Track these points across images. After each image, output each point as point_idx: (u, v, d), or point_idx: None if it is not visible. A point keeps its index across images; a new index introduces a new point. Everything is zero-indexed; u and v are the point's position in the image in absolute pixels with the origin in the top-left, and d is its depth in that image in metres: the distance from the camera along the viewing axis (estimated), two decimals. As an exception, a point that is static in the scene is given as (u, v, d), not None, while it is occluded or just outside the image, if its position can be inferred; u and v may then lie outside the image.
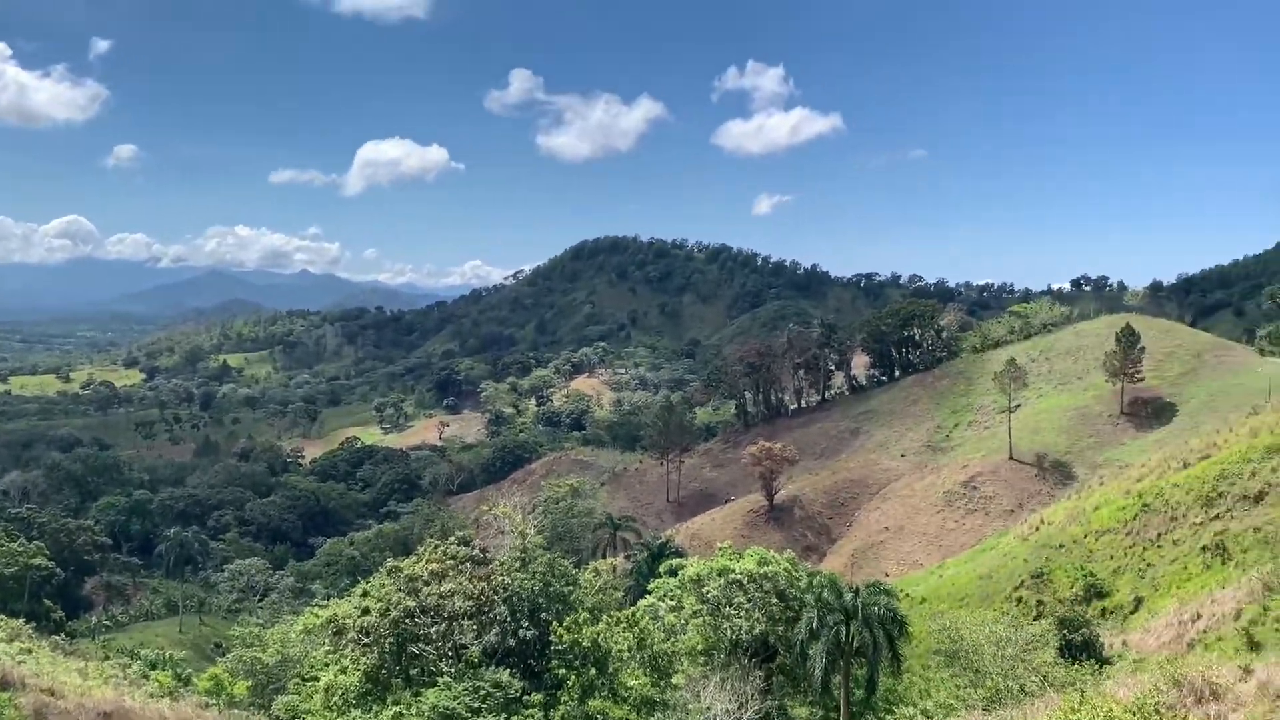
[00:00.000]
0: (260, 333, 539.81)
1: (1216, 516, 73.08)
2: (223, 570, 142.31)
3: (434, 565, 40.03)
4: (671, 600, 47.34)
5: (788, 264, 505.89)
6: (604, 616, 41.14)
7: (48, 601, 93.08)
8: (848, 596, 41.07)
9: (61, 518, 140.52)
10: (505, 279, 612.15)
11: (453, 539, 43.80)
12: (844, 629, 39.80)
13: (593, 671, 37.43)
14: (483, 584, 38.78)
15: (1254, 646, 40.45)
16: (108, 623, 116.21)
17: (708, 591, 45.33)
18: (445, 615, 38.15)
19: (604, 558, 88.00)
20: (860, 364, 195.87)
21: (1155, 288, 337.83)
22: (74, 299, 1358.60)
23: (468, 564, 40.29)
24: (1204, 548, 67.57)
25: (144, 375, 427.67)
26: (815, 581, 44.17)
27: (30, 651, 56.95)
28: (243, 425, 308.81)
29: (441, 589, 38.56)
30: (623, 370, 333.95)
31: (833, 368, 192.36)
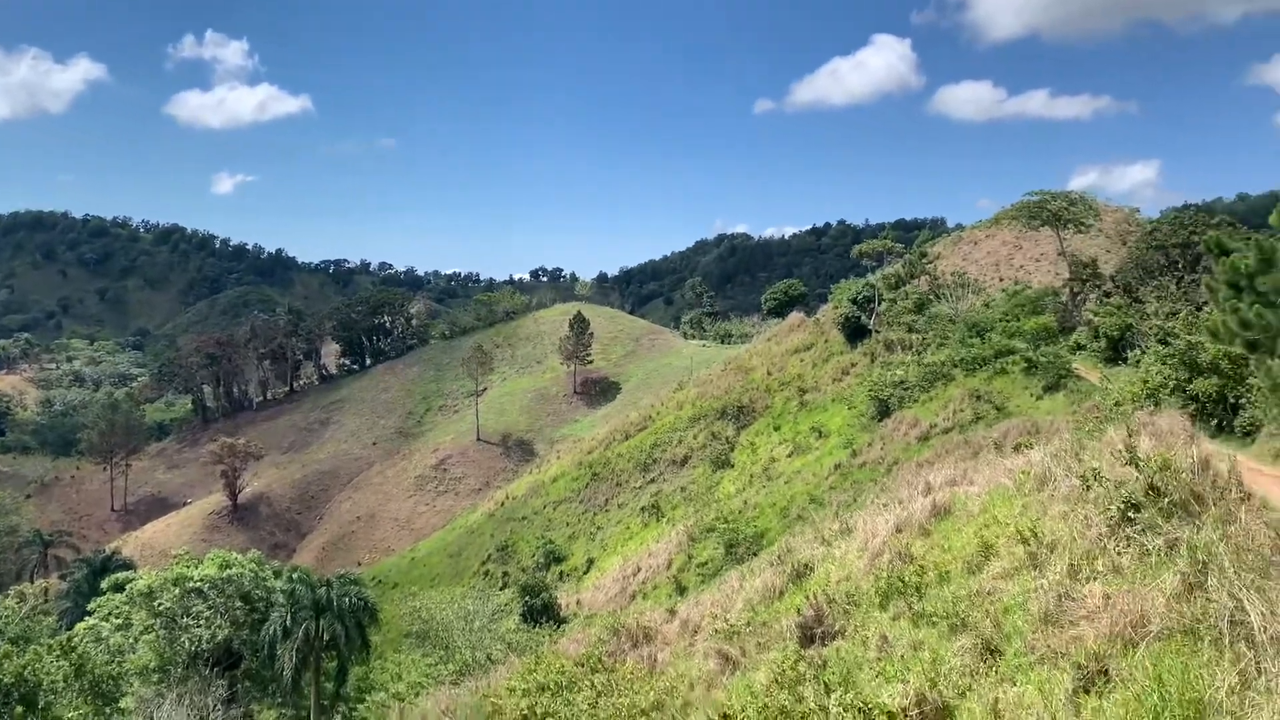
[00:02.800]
0: None
1: (652, 480, 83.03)
2: None
3: None
4: (118, 618, 42.52)
5: (250, 248, 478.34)
6: (31, 646, 35.76)
7: None
8: (319, 590, 40.06)
9: None
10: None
11: None
12: (314, 624, 38.76)
13: (19, 709, 32.36)
14: None
15: (681, 590, 46.49)
16: None
17: (161, 604, 41.44)
18: None
19: (31, 580, 76.75)
20: (330, 353, 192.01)
21: (601, 279, 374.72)
22: None
23: None
24: (643, 508, 76.36)
25: None
26: (289, 578, 42.43)
27: None
28: None
29: None
30: (53, 365, 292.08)
31: (301, 357, 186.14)
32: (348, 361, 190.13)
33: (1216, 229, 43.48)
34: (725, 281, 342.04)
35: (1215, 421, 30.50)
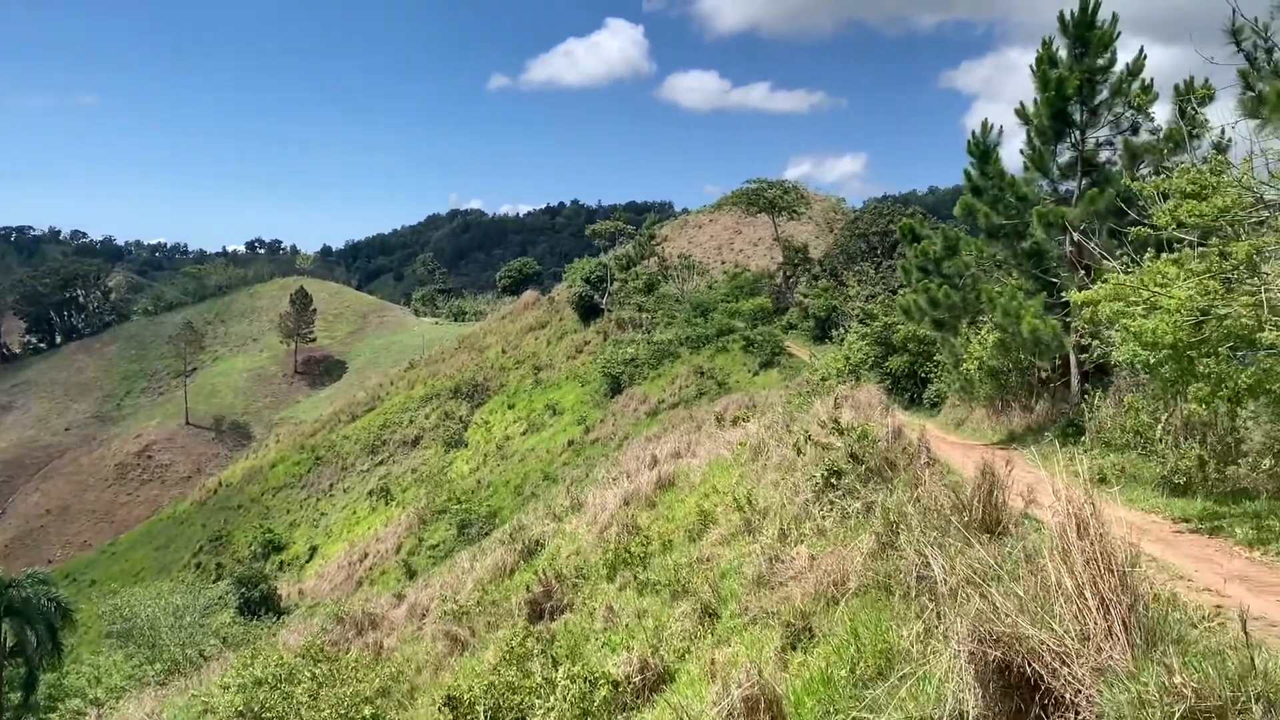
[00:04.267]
0: None
1: (381, 462, 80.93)
2: None
3: None
4: None
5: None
6: None
7: None
8: (2, 592, 35.98)
9: None
10: None
11: None
12: (-7, 630, 34.82)
13: None
14: None
15: (411, 574, 45.64)
16: None
17: None
18: None
19: None
20: (13, 330, 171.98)
21: (325, 252, 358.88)
22: None
23: None
24: (370, 492, 74.30)
25: None
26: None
27: None
28: None
29: None
30: None
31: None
32: (34, 340, 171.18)
33: (910, 218, 47.79)
34: (459, 258, 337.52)
35: (907, 395, 33.62)
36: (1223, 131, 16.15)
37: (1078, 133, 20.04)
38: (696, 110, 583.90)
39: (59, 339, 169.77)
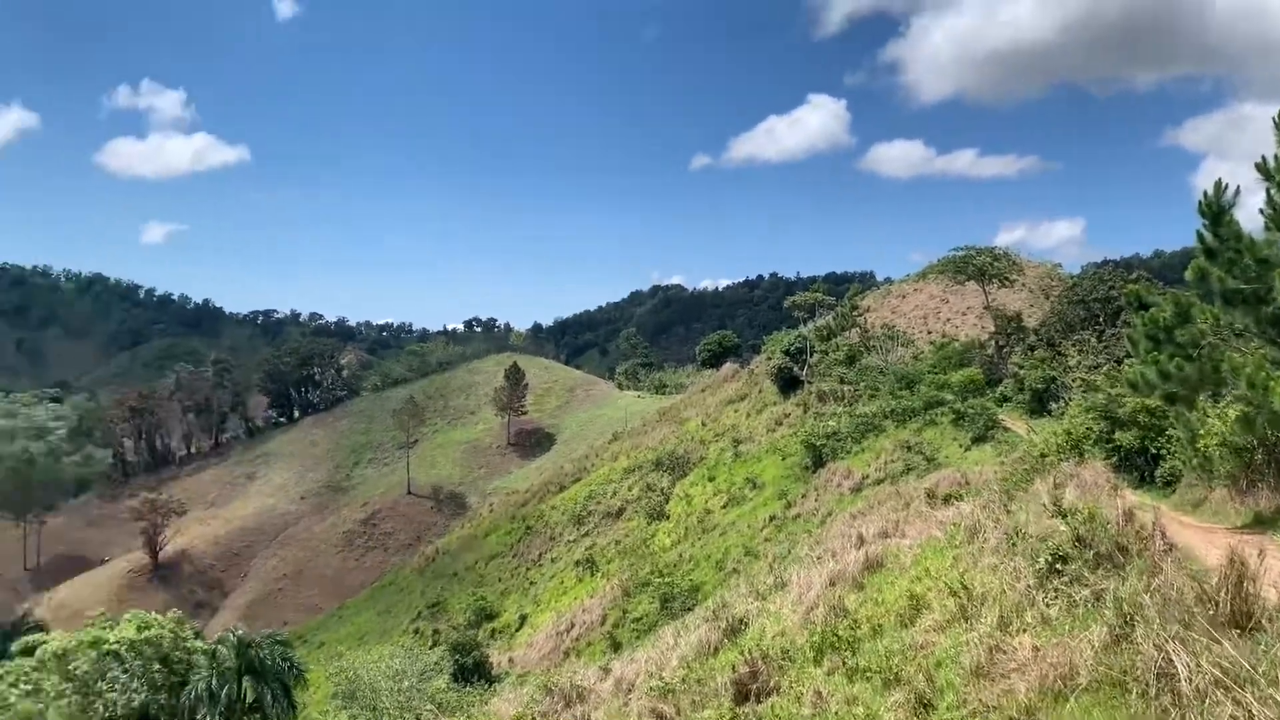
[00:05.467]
0: None
1: (586, 533, 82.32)
2: None
3: None
4: (27, 684, 40.62)
5: (176, 298, 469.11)
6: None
7: None
8: (243, 651, 38.80)
9: None
10: None
11: None
12: (237, 686, 37.47)
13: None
14: None
15: (616, 646, 45.95)
16: None
17: (75, 668, 39.74)
18: None
19: (-65, 645, 72.83)
20: (258, 405, 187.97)
21: (536, 329, 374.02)
22: None
23: None
24: (577, 562, 75.55)
25: None
26: (223, 639, 41.02)
27: None
28: None
29: None
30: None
31: (227, 410, 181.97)
32: (275, 414, 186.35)
33: (1135, 284, 44.98)
34: (660, 332, 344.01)
35: (1137, 473, 31.25)
36: None
37: (1326, 187, 18.38)
38: (899, 178, 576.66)
39: (297, 413, 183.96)
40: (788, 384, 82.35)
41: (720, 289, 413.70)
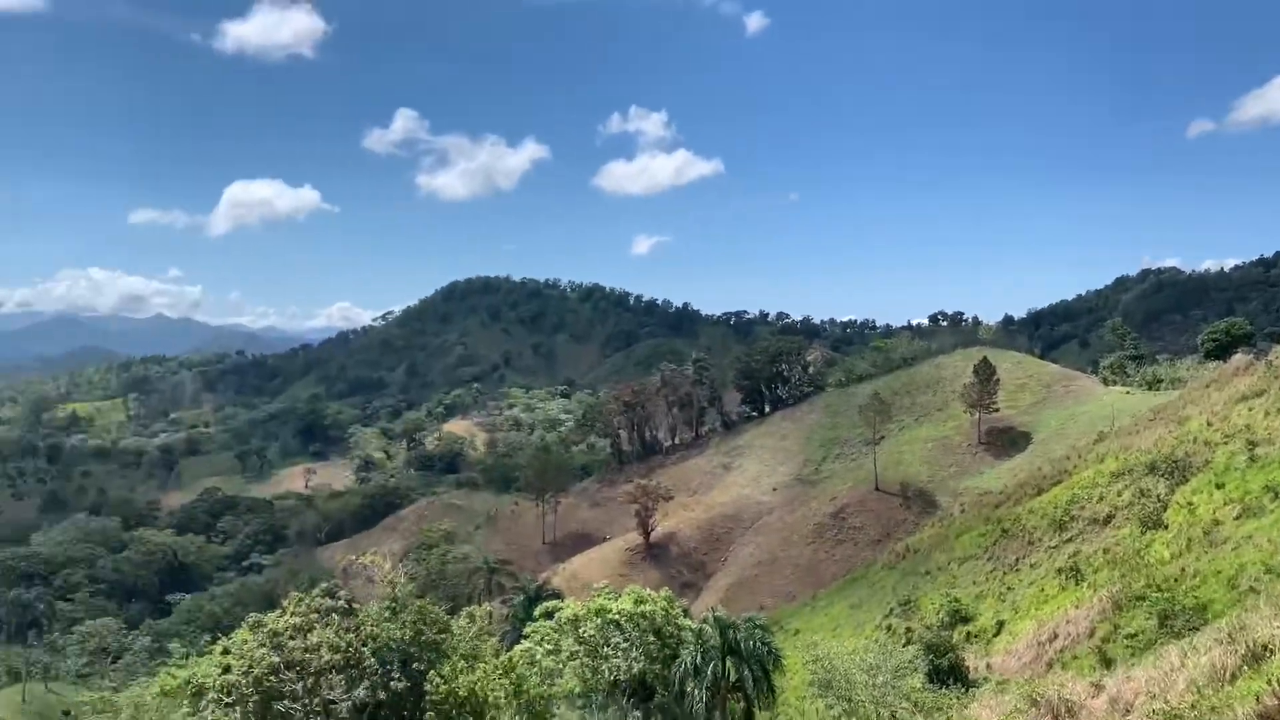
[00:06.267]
0: (112, 380, 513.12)
1: (1069, 539, 76.62)
2: (71, 633, 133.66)
3: (298, 618, 38.40)
4: (548, 643, 46.65)
5: (660, 303, 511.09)
6: (480, 664, 40.19)
7: None
8: (726, 633, 41.33)
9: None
10: (374, 321, 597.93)
11: (318, 590, 42.21)
12: (721, 664, 39.99)
13: (469, 720, 36.44)
14: (350, 636, 37.38)
15: (1106, 663, 42.32)
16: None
17: (585, 633, 44.89)
18: (312, 670, 36.56)
19: (480, 603, 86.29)
20: (731, 400, 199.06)
21: (1007, 322, 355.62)
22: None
23: (334, 615, 38.80)
24: (1059, 570, 70.60)
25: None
26: (707, 619, 44.31)
27: None
28: (93, 478, 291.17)
29: (307, 643, 36.98)
30: (497, 411, 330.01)
31: (705, 404, 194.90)
32: (748, 409, 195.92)
33: None
34: (1150, 321, 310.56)
35: None
36: None
37: None
38: None
39: (767, 408, 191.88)
40: (1320, 377, 70.28)
41: (1226, 270, 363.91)
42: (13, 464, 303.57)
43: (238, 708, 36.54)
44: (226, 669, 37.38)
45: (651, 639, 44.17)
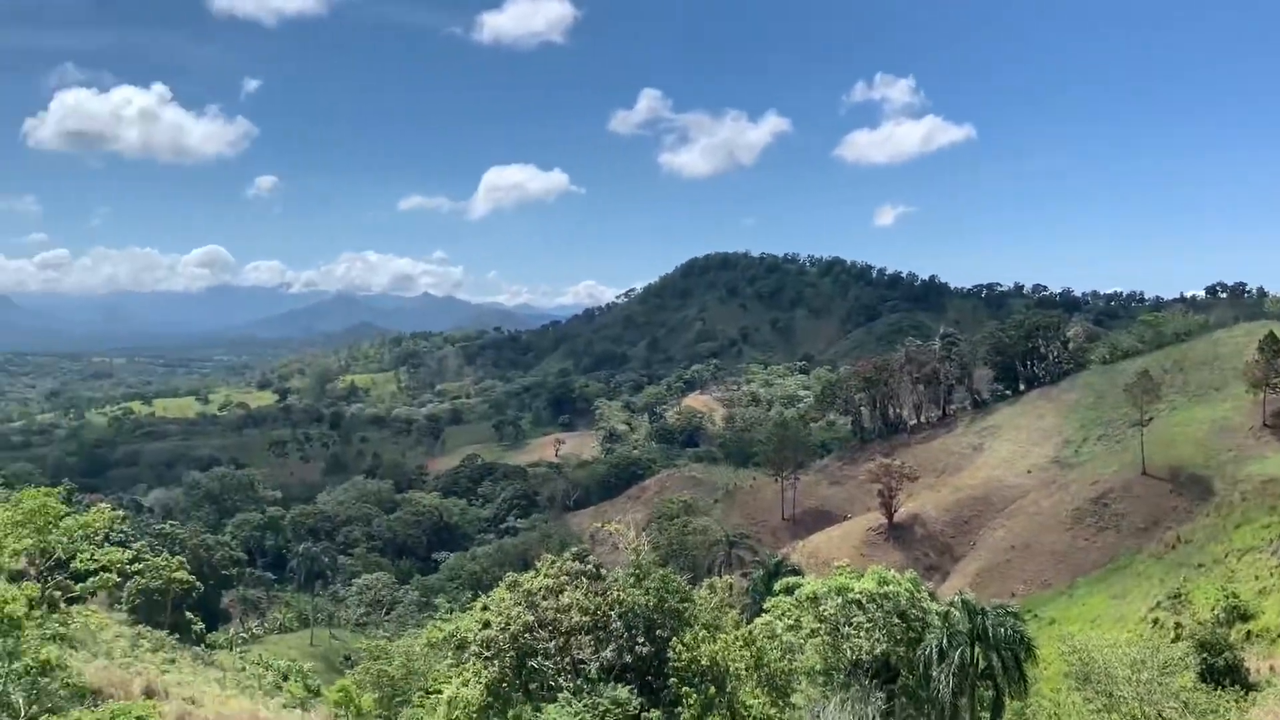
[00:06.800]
0: (385, 354, 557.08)
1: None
2: (351, 584, 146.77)
3: (550, 580, 40.48)
4: (788, 619, 46.77)
5: (904, 276, 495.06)
6: (721, 634, 40.90)
7: (189, 614, 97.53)
8: (974, 618, 39.99)
9: (201, 533, 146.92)
10: (617, 298, 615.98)
11: (568, 554, 44.30)
12: (969, 651, 38.76)
13: (711, 689, 37.19)
14: (598, 599, 39.03)
15: None
16: (244, 635, 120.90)
17: (825, 610, 44.66)
18: (563, 630, 38.52)
19: (719, 575, 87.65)
20: (982, 378, 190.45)
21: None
22: (212, 324, 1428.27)
23: (583, 579, 40.62)
24: (1361, 569, 63.52)
25: (276, 396, 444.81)
26: (954, 603, 43.09)
27: (174, 662, 60.01)
28: (370, 443, 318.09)
29: (558, 603, 38.97)
30: (735, 386, 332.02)
31: (953, 382, 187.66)
32: (1000, 386, 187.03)
33: None
34: None
35: None
36: None
37: None
38: None
39: (1022, 386, 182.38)
40: None
41: None
42: (301, 430, 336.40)
43: (495, 661, 39.06)
44: (486, 624, 39.97)
45: (895, 620, 43.33)
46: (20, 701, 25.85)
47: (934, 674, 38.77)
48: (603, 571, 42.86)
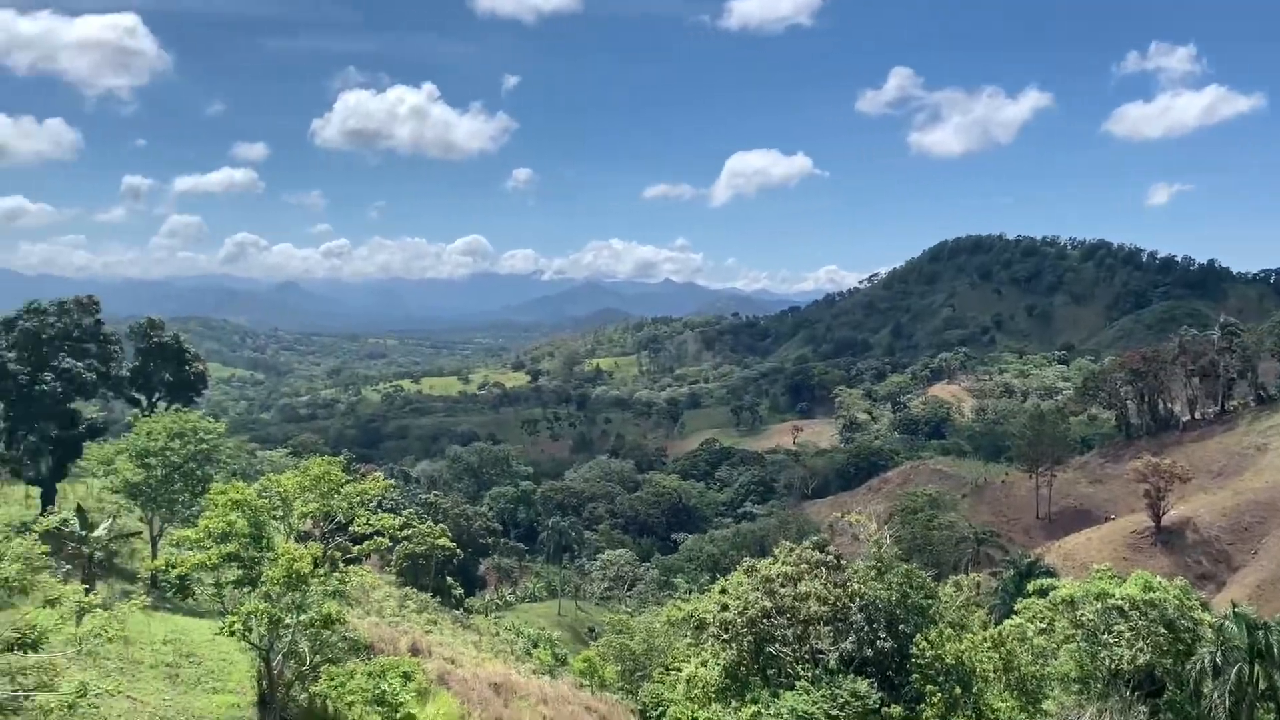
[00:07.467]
0: (628, 339, 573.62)
1: None
2: (595, 559, 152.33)
3: (789, 568, 40.52)
4: (1041, 622, 44.61)
5: (1178, 260, 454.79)
6: (967, 634, 39.54)
7: (449, 579, 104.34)
8: (1253, 633, 36.61)
9: (461, 504, 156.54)
10: (859, 283, 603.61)
11: (808, 543, 44.13)
12: (1249, 668, 35.54)
13: (956, 689, 36.10)
14: (838, 590, 38.68)
15: None
16: (498, 601, 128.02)
17: (1083, 615, 42.28)
18: (801, 619, 38.49)
19: (965, 573, 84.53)
20: (1269, 371, 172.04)
21: None
22: (473, 309, 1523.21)
23: (822, 569, 40.38)
24: None
25: (529, 377, 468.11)
26: (1229, 616, 39.70)
27: (435, 624, 64.67)
28: (613, 424, 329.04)
29: (796, 591, 38.94)
30: (986, 376, 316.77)
31: (1234, 375, 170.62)
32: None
33: None
34: None
35: None
36: None
37: None
38: None
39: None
40: None
41: None
42: (551, 409, 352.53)
43: (733, 645, 39.60)
44: (724, 607, 40.59)
45: (1161, 631, 40.34)
46: (306, 650, 28.81)
47: (1206, 690, 35.86)
48: (842, 562, 42.45)
